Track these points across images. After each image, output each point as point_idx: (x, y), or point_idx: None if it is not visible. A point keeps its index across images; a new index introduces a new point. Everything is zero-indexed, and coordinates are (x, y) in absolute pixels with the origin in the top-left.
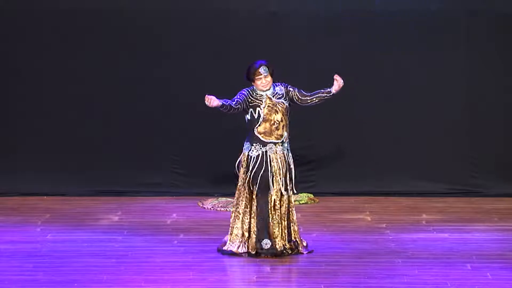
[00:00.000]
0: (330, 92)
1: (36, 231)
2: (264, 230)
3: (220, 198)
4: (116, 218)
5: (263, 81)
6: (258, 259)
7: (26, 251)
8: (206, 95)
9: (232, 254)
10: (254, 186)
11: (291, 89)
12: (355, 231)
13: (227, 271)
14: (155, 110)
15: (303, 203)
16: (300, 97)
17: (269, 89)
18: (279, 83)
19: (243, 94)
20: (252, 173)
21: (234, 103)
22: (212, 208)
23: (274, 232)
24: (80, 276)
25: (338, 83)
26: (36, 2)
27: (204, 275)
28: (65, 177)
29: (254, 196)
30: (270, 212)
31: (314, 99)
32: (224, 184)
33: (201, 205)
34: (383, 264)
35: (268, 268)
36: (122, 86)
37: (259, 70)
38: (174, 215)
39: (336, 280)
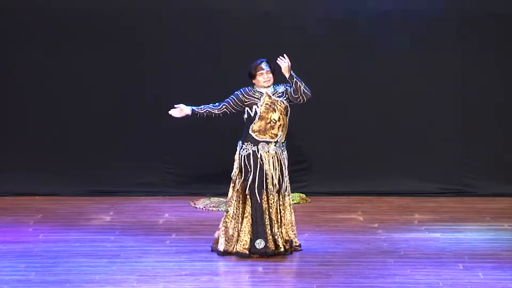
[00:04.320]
0: (289, 80)
1: (28, 231)
2: (257, 230)
3: (212, 198)
4: (108, 218)
5: (265, 76)
6: (250, 259)
7: (18, 251)
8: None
9: (226, 254)
10: (247, 186)
11: (288, 87)
12: (347, 231)
13: (219, 271)
14: (148, 110)
15: (295, 203)
16: (293, 94)
17: (270, 87)
18: (282, 84)
19: (234, 96)
20: (244, 173)
21: (218, 107)
22: (204, 208)
23: (267, 232)
24: (72, 276)
25: (282, 66)
26: (36, 2)
27: (196, 275)
28: (57, 177)
29: (247, 196)
30: (264, 212)
31: (298, 93)
32: (216, 184)
33: (193, 205)
34: (375, 264)
35: (260, 268)
36: (116, 86)
37: (261, 65)
38: (167, 215)
39: (329, 280)
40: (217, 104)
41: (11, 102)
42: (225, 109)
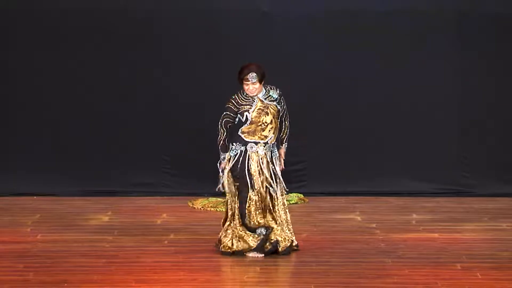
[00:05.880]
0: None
1: (26, 231)
2: (248, 227)
3: (210, 198)
4: (106, 218)
5: (250, 88)
6: (249, 260)
7: (17, 252)
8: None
9: (231, 254)
10: (235, 185)
11: (282, 102)
12: (345, 231)
13: (217, 271)
14: (146, 110)
15: (293, 203)
16: (282, 119)
17: (256, 95)
18: (275, 89)
19: (228, 111)
20: (232, 172)
21: (224, 132)
22: (203, 208)
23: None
24: (70, 276)
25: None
26: (36, 2)
27: (194, 275)
28: (55, 177)
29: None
30: (246, 211)
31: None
32: (214, 184)
33: (192, 205)
34: (373, 264)
35: (258, 268)
36: (113, 86)
37: (247, 77)
38: (165, 215)
39: (327, 280)
40: (221, 131)
41: (10, 102)
42: (231, 124)
